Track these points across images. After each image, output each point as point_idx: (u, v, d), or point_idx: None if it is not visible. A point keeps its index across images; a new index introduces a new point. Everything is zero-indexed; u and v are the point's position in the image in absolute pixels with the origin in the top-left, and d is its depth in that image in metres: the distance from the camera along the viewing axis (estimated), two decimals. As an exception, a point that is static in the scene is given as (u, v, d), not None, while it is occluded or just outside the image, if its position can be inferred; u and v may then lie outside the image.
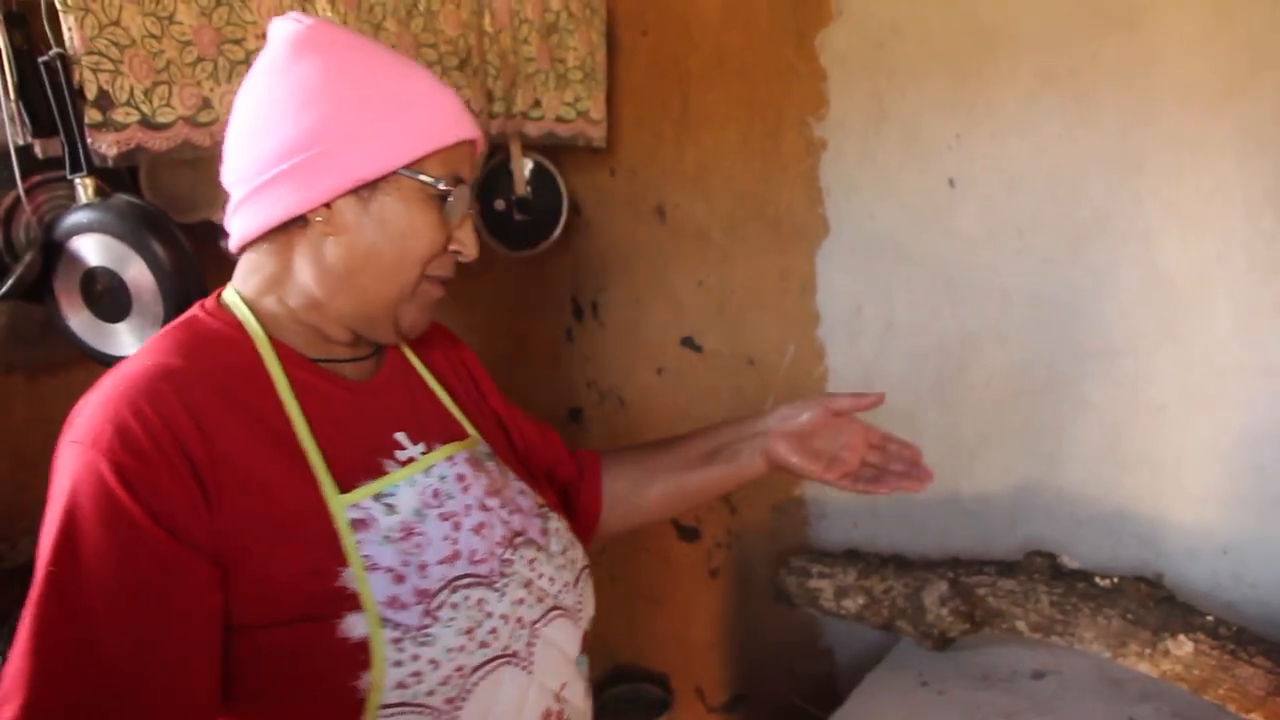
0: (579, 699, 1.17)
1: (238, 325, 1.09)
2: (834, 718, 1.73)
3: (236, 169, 1.09)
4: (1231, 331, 1.75)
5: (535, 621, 1.10)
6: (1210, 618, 1.63)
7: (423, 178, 1.06)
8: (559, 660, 1.13)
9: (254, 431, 1.01)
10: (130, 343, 1.60)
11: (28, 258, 1.56)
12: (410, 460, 1.11)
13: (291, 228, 1.08)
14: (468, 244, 1.13)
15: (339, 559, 0.98)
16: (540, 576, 1.13)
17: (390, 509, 1.04)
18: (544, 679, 1.10)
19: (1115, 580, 1.72)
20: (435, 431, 1.18)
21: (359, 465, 1.06)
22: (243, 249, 1.13)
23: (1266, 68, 1.65)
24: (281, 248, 1.10)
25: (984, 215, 1.99)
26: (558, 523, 1.23)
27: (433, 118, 1.07)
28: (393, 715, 0.97)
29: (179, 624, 0.92)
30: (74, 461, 0.93)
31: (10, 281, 1.56)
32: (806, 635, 2.41)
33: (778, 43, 2.20)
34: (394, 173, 1.05)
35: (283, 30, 1.10)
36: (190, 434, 0.95)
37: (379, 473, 1.07)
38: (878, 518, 2.25)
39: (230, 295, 1.12)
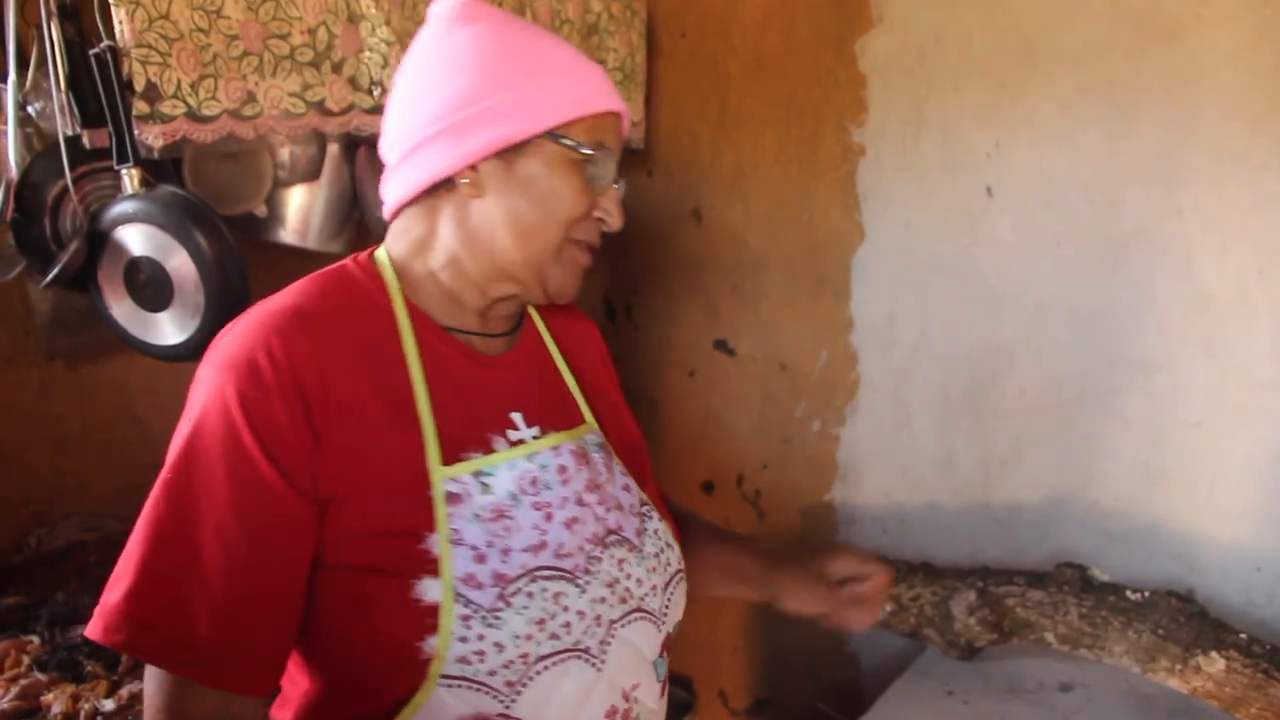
0: (652, 700, 1.16)
1: (381, 283, 1.12)
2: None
3: (392, 136, 1.13)
4: (1271, 347, 1.73)
5: (615, 621, 1.09)
6: (1243, 635, 1.61)
7: (567, 141, 1.08)
8: (634, 661, 1.12)
9: (374, 385, 1.04)
10: (171, 332, 1.62)
11: (73, 246, 1.59)
12: (520, 442, 1.12)
13: (439, 191, 1.11)
14: (613, 212, 1.14)
15: (428, 524, 1.01)
16: (628, 577, 1.13)
17: (486, 488, 1.05)
18: (614, 677, 1.09)
19: (1147, 594, 1.71)
20: (553, 416, 1.18)
21: (468, 438, 1.08)
22: (395, 215, 1.16)
23: (1312, 82, 1.64)
24: (429, 211, 1.13)
25: (1021, 225, 1.98)
26: (657, 523, 1.21)
27: (577, 86, 1.10)
28: (452, 686, 0.99)
29: (272, 551, 0.97)
30: (207, 382, 1.00)
31: (56, 269, 1.59)
32: (832, 641, 2.41)
33: (817, 48, 2.20)
34: (539, 136, 1.07)
35: (440, 8, 1.14)
36: (312, 375, 0.99)
37: (486, 449, 1.09)
38: (907, 525, 2.24)
39: (381, 254, 1.15)
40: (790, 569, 1.34)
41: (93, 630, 0.95)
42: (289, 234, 1.90)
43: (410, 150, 1.10)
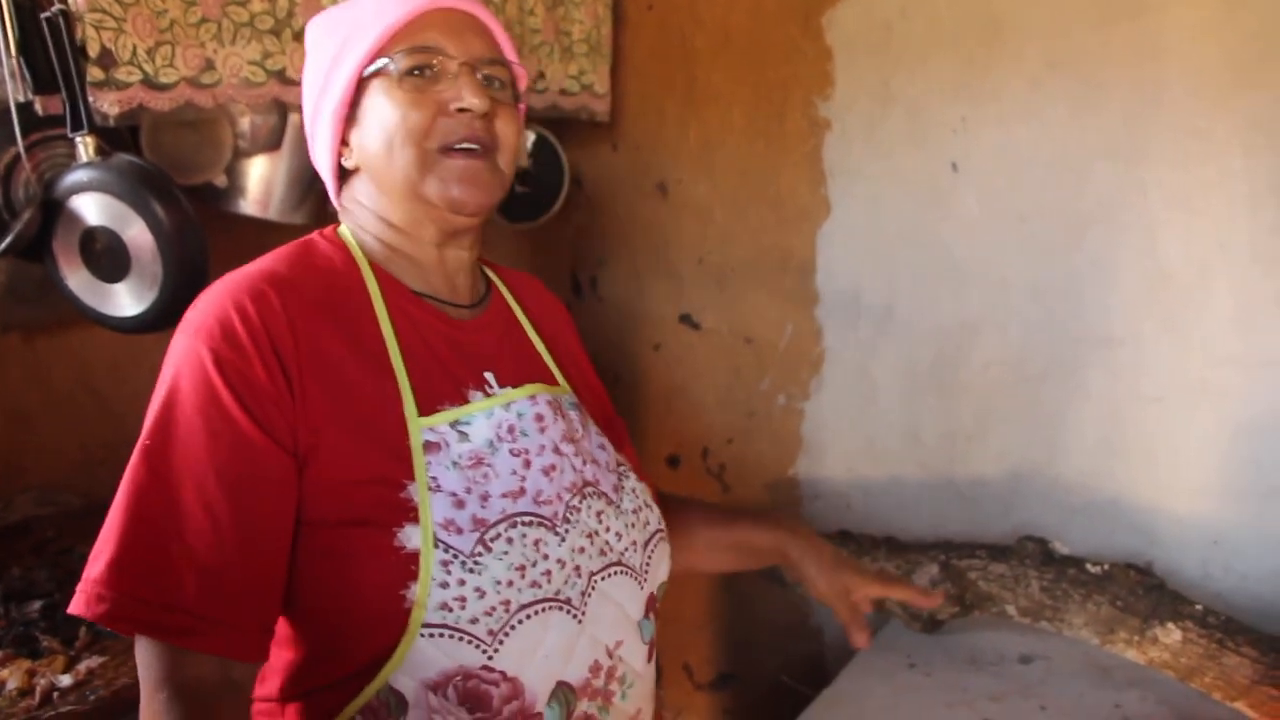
0: (637, 661, 1.17)
1: (347, 253, 1.15)
2: (822, 697, 1.74)
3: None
4: (1232, 323, 1.74)
5: (595, 573, 1.11)
6: (1199, 607, 1.63)
7: (376, 68, 1.11)
8: (616, 617, 1.13)
9: (348, 342, 1.06)
10: (129, 303, 1.59)
11: (26, 215, 1.55)
12: (495, 395, 1.14)
13: (346, 172, 1.18)
14: (465, 97, 1.11)
15: (407, 473, 1.02)
16: (607, 530, 1.14)
17: (464, 436, 1.07)
18: (596, 632, 1.10)
19: (1106, 567, 1.72)
20: (525, 375, 1.20)
21: (443, 391, 1.10)
22: (339, 198, 1.22)
23: (1275, 58, 1.64)
24: (350, 191, 1.19)
25: (986, 200, 1.98)
26: (635, 483, 1.24)
27: (371, 14, 1.12)
28: (434, 635, 0.99)
29: (256, 507, 0.98)
30: (180, 349, 1.01)
31: (9, 239, 1.55)
32: (796, 614, 2.42)
33: (784, 21, 2.19)
34: (357, 83, 1.12)
35: None
36: (284, 331, 1.01)
37: (462, 401, 1.10)
38: (871, 499, 2.25)
39: (343, 228, 1.19)
40: (816, 561, 1.48)
41: (75, 606, 0.94)
42: (250, 205, 1.88)
43: (312, 153, 1.20)
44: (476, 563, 1.01)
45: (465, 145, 1.12)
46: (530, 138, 2.31)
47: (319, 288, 1.09)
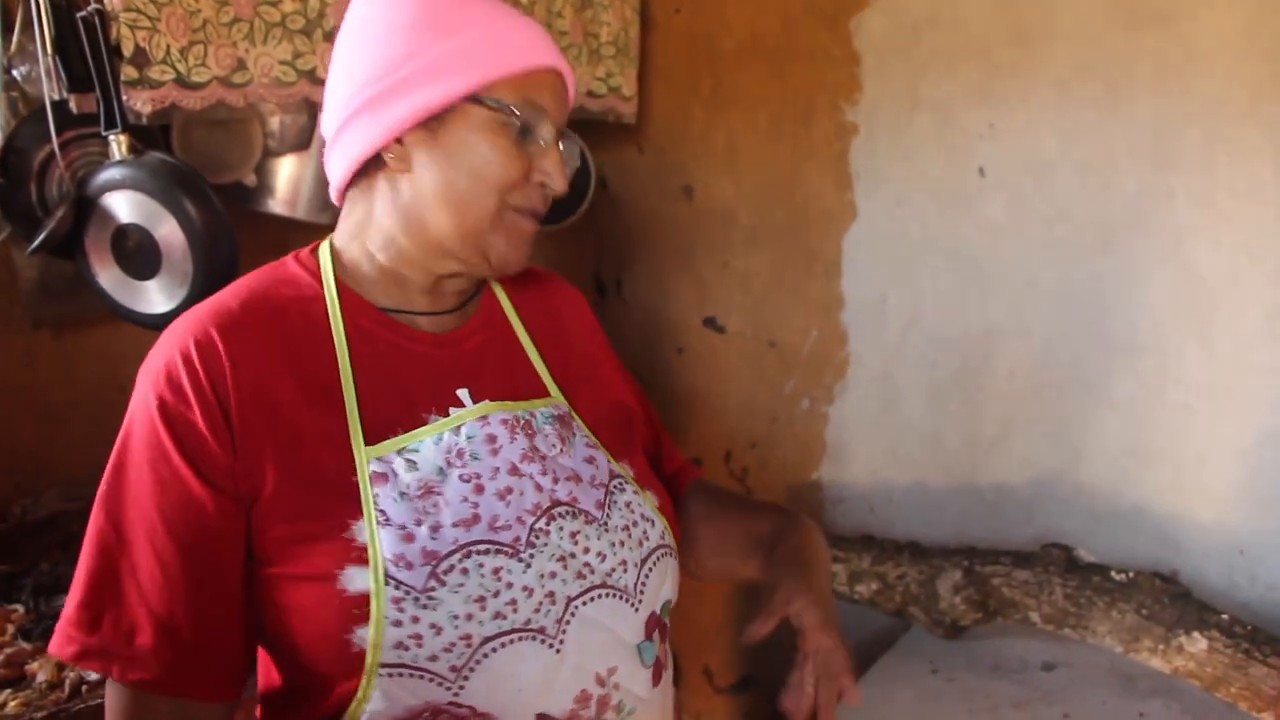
0: (639, 687, 1.09)
1: (317, 273, 1.10)
2: (844, 702, 1.73)
3: (325, 115, 1.11)
4: (1261, 331, 1.73)
5: (574, 598, 1.04)
6: (1225, 616, 1.62)
7: (490, 103, 1.03)
8: (605, 642, 1.06)
9: (296, 379, 1.02)
10: (159, 300, 1.61)
11: (60, 212, 1.57)
12: (448, 418, 1.07)
13: (371, 171, 1.08)
14: (553, 174, 1.08)
15: (353, 511, 0.98)
16: (585, 551, 1.06)
17: (411, 465, 1.02)
18: (581, 660, 1.04)
19: (1131, 575, 1.72)
20: (505, 389, 1.13)
21: (398, 418, 1.04)
22: (341, 199, 1.14)
23: (1307, 66, 1.64)
24: (364, 192, 1.10)
25: (1013, 206, 1.98)
26: (631, 496, 1.14)
27: (499, 44, 1.04)
28: (392, 675, 0.95)
29: (204, 556, 0.96)
30: (137, 390, 1.01)
31: (42, 236, 1.57)
32: (817, 620, 2.41)
33: (811, 25, 2.19)
34: (461, 101, 1.03)
35: None
36: (225, 378, 0.98)
37: (417, 425, 1.05)
38: (894, 504, 2.25)
39: (325, 243, 1.13)
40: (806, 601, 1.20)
41: (52, 645, 0.96)
42: (278, 204, 1.89)
43: (338, 130, 1.07)
44: (430, 598, 0.95)
45: (533, 210, 1.09)
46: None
47: (275, 321, 1.05)
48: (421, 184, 1.06)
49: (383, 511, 0.98)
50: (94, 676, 1.44)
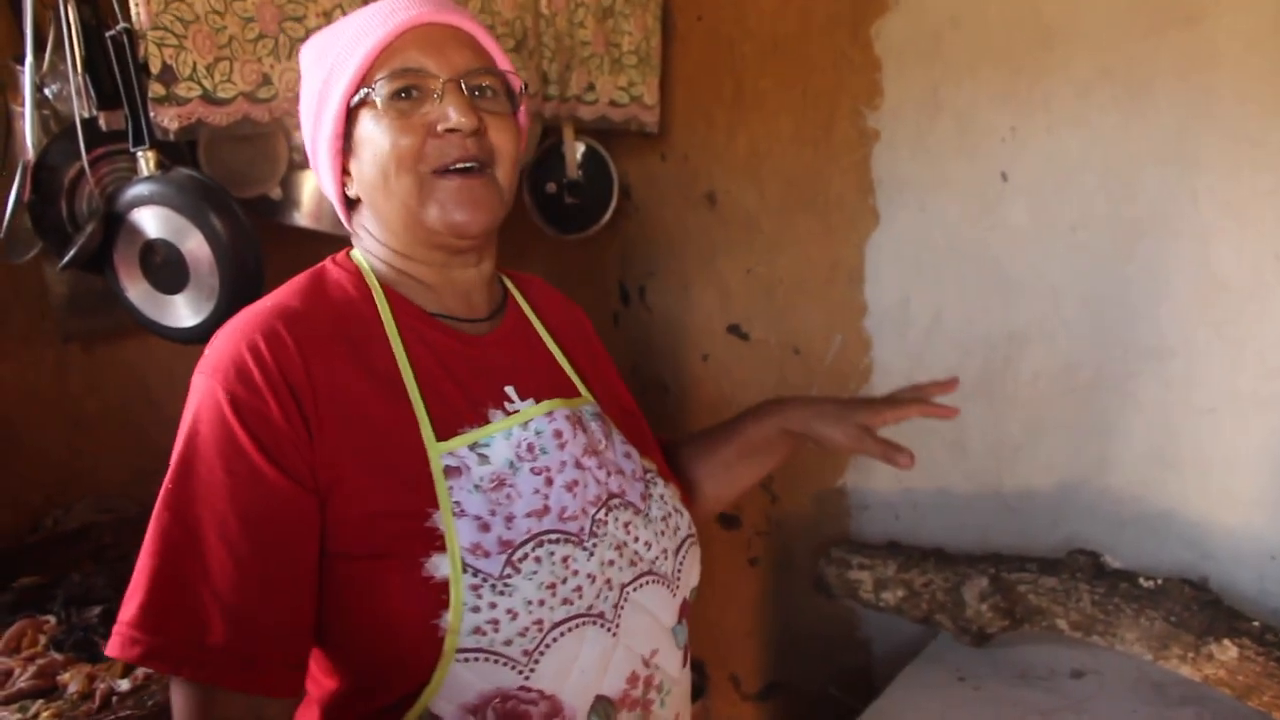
0: (673, 667, 1.17)
1: (359, 277, 1.15)
2: (869, 710, 1.73)
3: None
4: (1287, 334, 1.72)
5: (626, 585, 1.11)
6: (1256, 623, 1.61)
7: (361, 97, 1.09)
8: (650, 626, 1.13)
9: (362, 372, 1.06)
10: (187, 314, 1.63)
11: (89, 228, 1.59)
12: (515, 413, 1.13)
13: (353, 199, 1.17)
14: (451, 116, 1.08)
15: (430, 501, 1.02)
16: (635, 540, 1.14)
17: (484, 459, 1.07)
18: (631, 642, 1.10)
19: (1159, 582, 1.70)
20: (545, 388, 1.19)
21: (462, 414, 1.09)
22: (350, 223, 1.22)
23: (1333, 67, 1.62)
24: (357, 214, 1.19)
25: (1036, 210, 1.97)
26: (663, 489, 1.23)
27: (356, 38, 1.10)
28: (469, 660, 0.99)
29: (277, 547, 0.98)
30: (198, 390, 1.02)
31: (72, 251, 1.59)
32: (844, 626, 2.41)
33: (832, 31, 2.19)
34: (347, 111, 1.10)
35: None
36: (298, 369, 1.01)
37: (482, 422, 1.10)
38: (919, 511, 2.24)
39: (356, 252, 1.20)
40: (820, 419, 1.42)
41: (112, 648, 0.96)
42: (303, 217, 1.91)
43: (316, 176, 1.20)
44: (506, 584, 1.00)
45: (460, 165, 1.09)
46: (580, 149, 2.33)
47: (332, 319, 1.09)
48: (363, 192, 1.14)
49: (457, 503, 1.03)
50: (125, 686, 1.46)
